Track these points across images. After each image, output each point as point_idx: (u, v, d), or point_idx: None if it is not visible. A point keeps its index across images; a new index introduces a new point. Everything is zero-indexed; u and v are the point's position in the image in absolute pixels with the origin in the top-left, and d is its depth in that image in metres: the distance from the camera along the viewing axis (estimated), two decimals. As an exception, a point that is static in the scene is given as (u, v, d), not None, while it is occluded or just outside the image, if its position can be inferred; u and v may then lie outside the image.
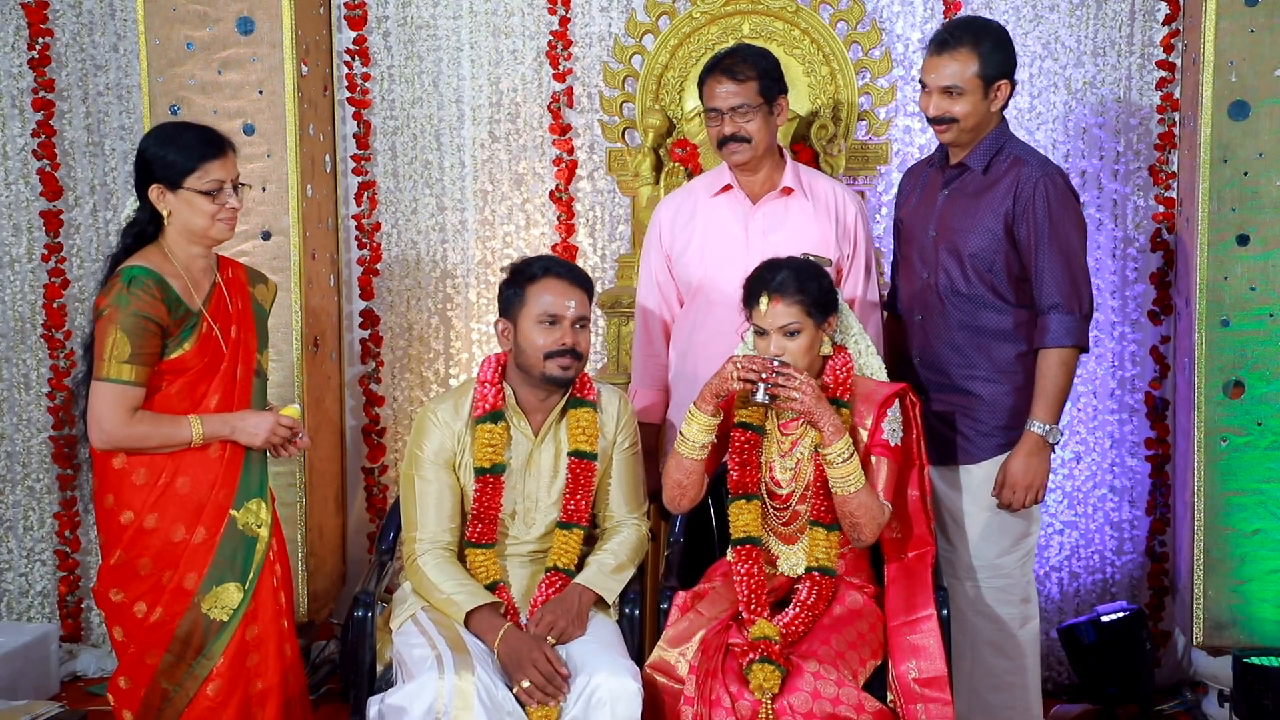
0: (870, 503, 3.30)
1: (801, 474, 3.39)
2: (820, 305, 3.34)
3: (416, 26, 4.74)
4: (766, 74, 3.76)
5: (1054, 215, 3.55)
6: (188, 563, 3.21)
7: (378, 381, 4.84)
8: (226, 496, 3.25)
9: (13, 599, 4.94)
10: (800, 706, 3.08)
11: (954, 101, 3.58)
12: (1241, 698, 4.07)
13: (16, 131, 4.83)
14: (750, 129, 3.74)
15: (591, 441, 3.44)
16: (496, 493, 3.40)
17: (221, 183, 3.22)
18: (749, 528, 3.39)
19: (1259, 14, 4.05)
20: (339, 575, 4.77)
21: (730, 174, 3.86)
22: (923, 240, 3.72)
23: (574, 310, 3.37)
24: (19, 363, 4.88)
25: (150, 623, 3.21)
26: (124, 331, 3.12)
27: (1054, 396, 3.57)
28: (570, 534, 3.44)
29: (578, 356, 3.38)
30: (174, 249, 3.24)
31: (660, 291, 3.94)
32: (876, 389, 3.43)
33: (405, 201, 4.80)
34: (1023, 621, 3.70)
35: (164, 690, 3.22)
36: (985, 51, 3.56)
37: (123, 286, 3.14)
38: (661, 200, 4.09)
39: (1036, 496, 3.59)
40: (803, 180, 3.87)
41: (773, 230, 3.82)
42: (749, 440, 3.41)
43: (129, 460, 3.20)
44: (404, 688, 3.11)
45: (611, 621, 3.40)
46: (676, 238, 3.89)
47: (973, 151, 3.66)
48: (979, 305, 3.63)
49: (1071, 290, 3.56)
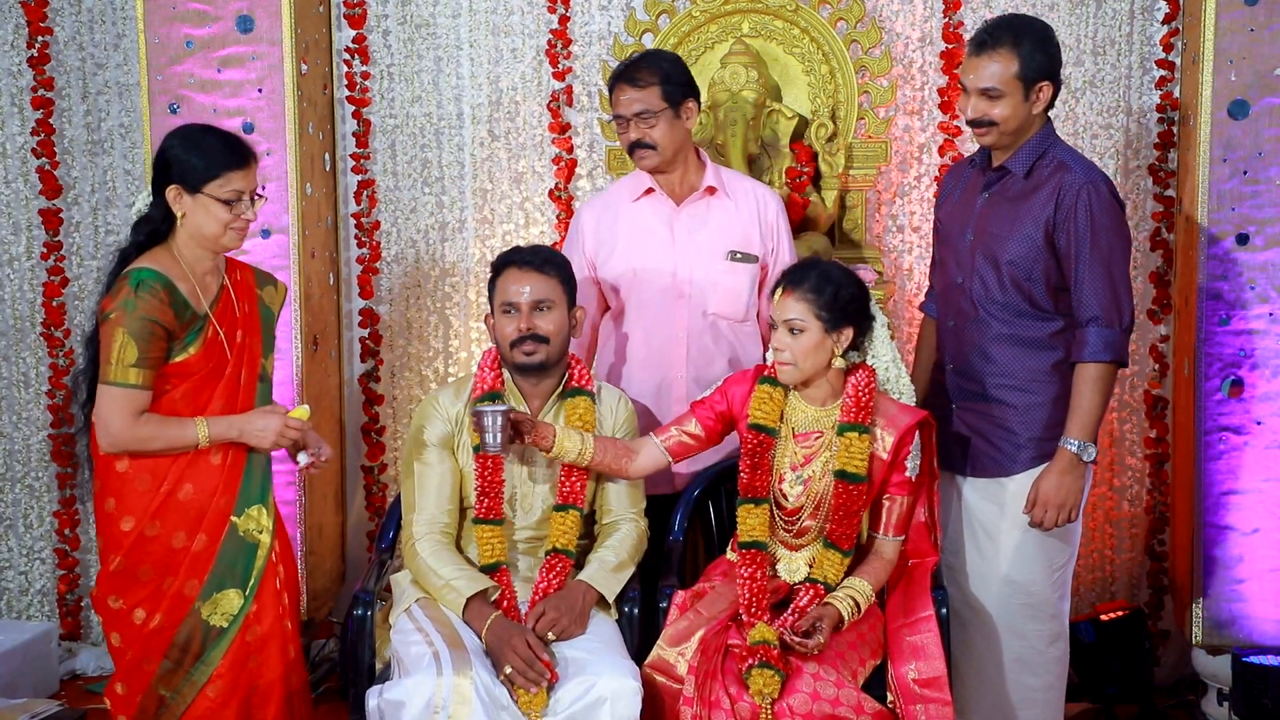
0: (883, 580, 3.39)
1: (813, 491, 3.35)
2: (833, 311, 3.27)
3: (416, 25, 4.74)
4: (669, 78, 3.77)
5: (1096, 224, 3.39)
6: (188, 569, 3.20)
7: (377, 380, 4.84)
8: (227, 503, 3.24)
9: (12, 597, 4.94)
10: (800, 707, 3.08)
11: (993, 104, 3.44)
12: (1241, 697, 4.07)
13: (16, 130, 4.82)
14: (654, 135, 3.76)
15: (588, 427, 3.46)
16: (498, 469, 3.42)
17: (240, 193, 3.21)
18: (756, 532, 3.35)
19: (1259, 13, 4.05)
20: (338, 574, 4.77)
21: (651, 178, 3.88)
22: (959, 244, 3.60)
23: (528, 295, 3.40)
24: (18, 361, 4.88)
25: (149, 629, 3.20)
26: (131, 335, 3.11)
27: (1090, 413, 3.42)
28: (567, 515, 3.44)
29: (540, 339, 3.41)
30: (183, 250, 3.23)
31: (583, 294, 3.96)
32: (899, 414, 3.37)
33: (405, 200, 4.79)
34: (1051, 639, 3.59)
35: (161, 697, 3.21)
36: (1026, 52, 3.41)
37: (130, 290, 3.12)
38: (582, 205, 4.12)
39: (1070, 516, 3.45)
40: (724, 180, 3.90)
41: (697, 229, 3.85)
42: (761, 442, 3.35)
43: (132, 465, 3.19)
44: (402, 682, 3.12)
45: (611, 621, 3.40)
46: (602, 242, 3.91)
47: (1015, 155, 3.50)
48: (1015, 313, 3.50)
49: (1112, 302, 3.41)
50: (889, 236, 4.63)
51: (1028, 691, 3.60)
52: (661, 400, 3.85)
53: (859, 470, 3.29)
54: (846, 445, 3.30)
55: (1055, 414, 3.48)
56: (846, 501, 3.30)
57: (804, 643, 3.16)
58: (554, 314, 3.43)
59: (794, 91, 4.45)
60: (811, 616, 3.22)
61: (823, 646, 3.17)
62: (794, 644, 3.16)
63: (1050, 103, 3.50)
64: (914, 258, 4.60)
